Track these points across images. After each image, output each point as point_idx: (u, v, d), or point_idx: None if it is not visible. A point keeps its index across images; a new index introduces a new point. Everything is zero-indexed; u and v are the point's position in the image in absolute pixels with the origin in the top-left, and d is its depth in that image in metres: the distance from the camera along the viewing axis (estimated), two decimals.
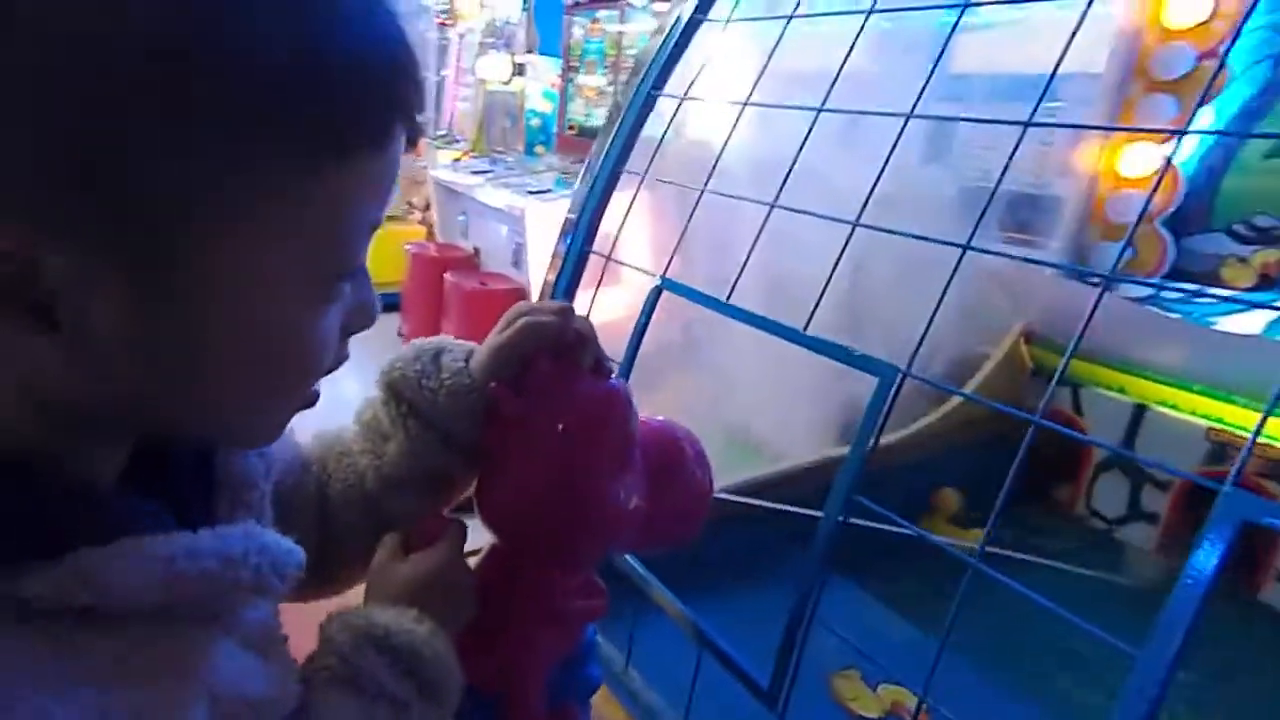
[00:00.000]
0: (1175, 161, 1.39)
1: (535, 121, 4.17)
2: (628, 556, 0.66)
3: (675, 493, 0.55)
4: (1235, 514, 0.38)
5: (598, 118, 3.58)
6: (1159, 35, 1.38)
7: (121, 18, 0.24)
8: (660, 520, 0.54)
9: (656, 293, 0.72)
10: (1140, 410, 1.36)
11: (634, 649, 0.67)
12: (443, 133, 4.63)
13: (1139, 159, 1.44)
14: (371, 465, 0.51)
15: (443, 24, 5.26)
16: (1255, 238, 1.38)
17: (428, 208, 4.06)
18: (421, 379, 0.49)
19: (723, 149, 0.80)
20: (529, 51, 3.99)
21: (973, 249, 0.64)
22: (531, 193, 2.90)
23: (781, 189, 0.74)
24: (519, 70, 4.02)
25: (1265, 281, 1.37)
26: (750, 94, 0.83)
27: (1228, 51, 1.33)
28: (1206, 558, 0.37)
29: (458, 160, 4.37)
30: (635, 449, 0.52)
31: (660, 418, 0.57)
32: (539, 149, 4.17)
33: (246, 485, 0.40)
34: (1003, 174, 0.64)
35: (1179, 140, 1.30)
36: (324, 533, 0.51)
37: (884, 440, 1.66)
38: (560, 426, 0.48)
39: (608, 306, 0.88)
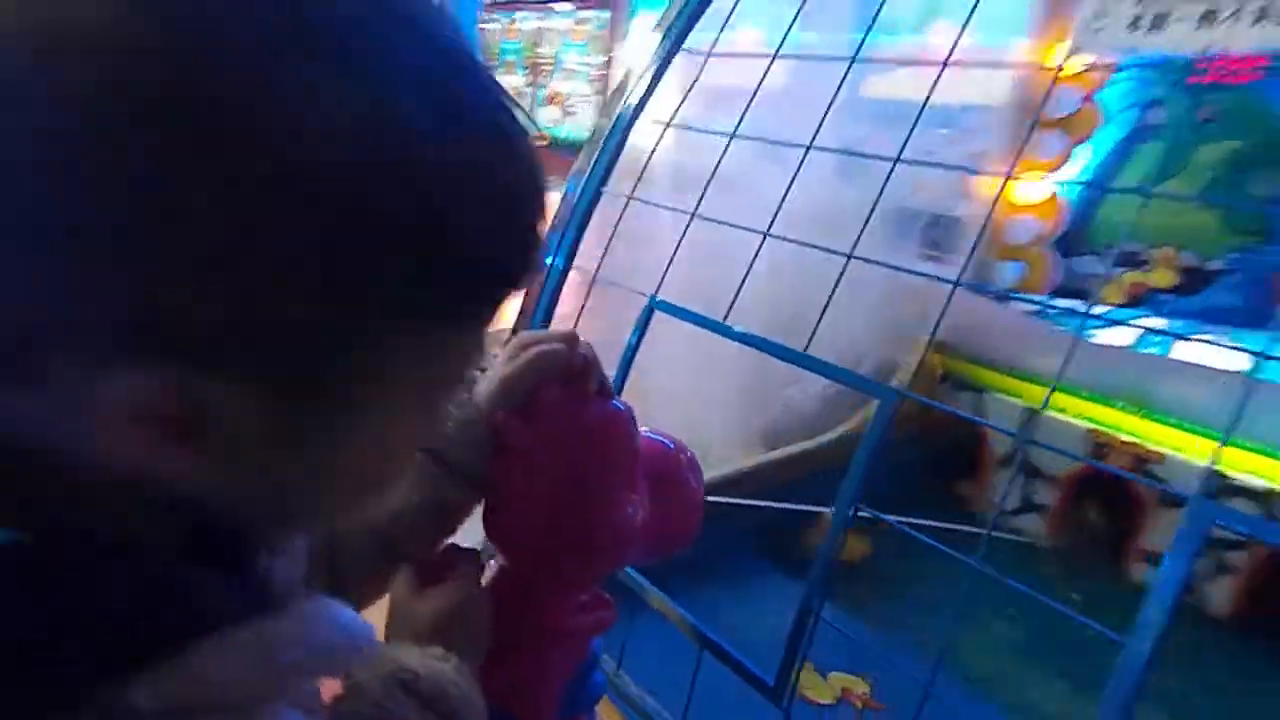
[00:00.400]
0: (1059, 192, 1.57)
1: None
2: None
3: (674, 503, 0.58)
4: (1204, 519, 0.45)
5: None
6: (1049, 76, 1.55)
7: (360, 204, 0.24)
8: (662, 530, 0.57)
9: (649, 312, 0.75)
10: (1031, 413, 1.51)
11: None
12: None
13: (1029, 188, 1.61)
14: None
15: None
16: (1125, 261, 1.57)
17: None
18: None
19: (647, 161, 0.85)
20: None
21: (856, 258, 0.74)
22: None
23: (701, 199, 0.80)
24: None
25: (1133, 300, 1.56)
26: (673, 115, 0.88)
27: (1092, 95, 1.51)
28: (1177, 560, 0.45)
29: None
30: (639, 465, 0.55)
31: (646, 429, 0.60)
32: None
33: None
34: (878, 197, 0.73)
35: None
36: (332, 561, 0.51)
37: (810, 445, 1.74)
38: (572, 453, 0.51)
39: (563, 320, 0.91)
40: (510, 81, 3.49)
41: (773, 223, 0.81)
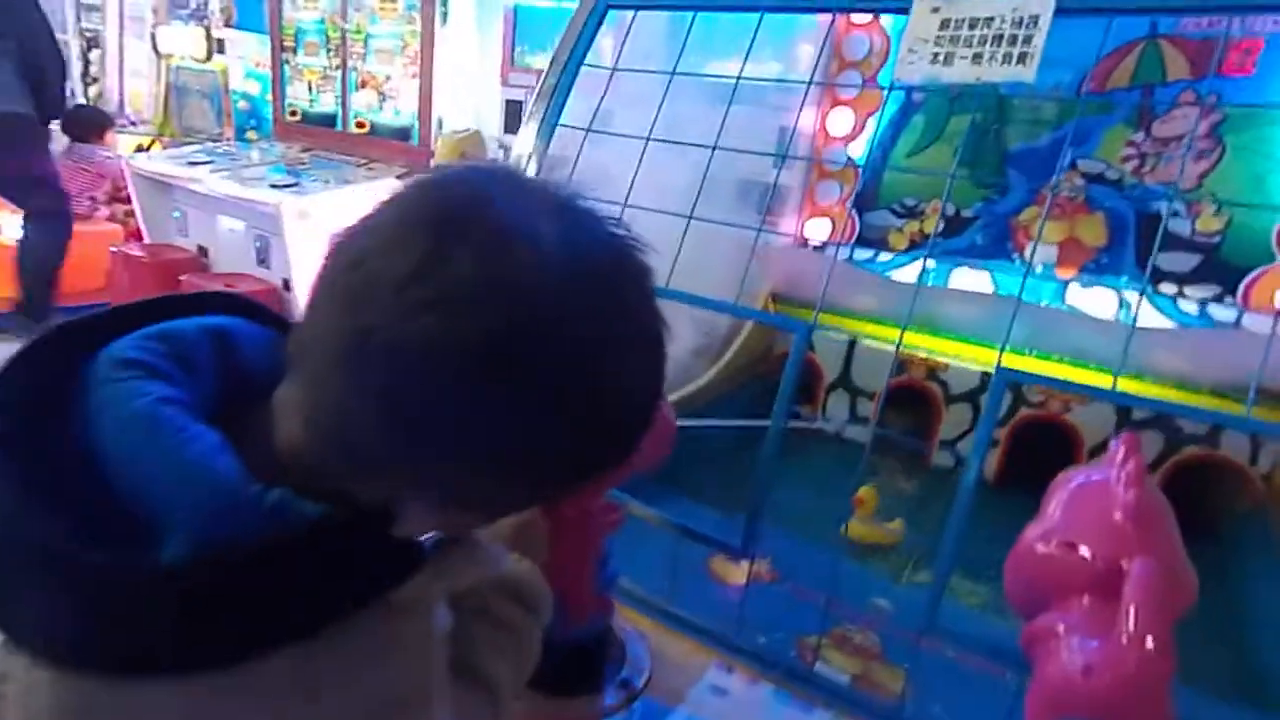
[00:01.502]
0: (855, 158, 1.91)
1: (242, 104, 3.79)
2: None
3: (657, 430, 0.76)
4: (1001, 383, 0.70)
5: (323, 103, 3.40)
6: (839, 65, 1.88)
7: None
8: (648, 452, 0.75)
9: None
10: (852, 343, 1.86)
11: None
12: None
13: (832, 158, 1.94)
14: None
15: None
16: (905, 213, 1.96)
17: (111, 201, 3.47)
18: None
19: (575, 164, 1.01)
20: (226, 25, 3.59)
21: (696, 219, 0.97)
22: (277, 186, 2.71)
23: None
24: (218, 47, 3.61)
25: (913, 244, 1.96)
26: (590, 122, 1.05)
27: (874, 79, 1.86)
28: (991, 407, 0.69)
29: (145, 148, 3.79)
30: None
31: None
32: (250, 134, 3.81)
33: None
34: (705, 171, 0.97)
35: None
36: None
37: (679, 394, 1.97)
38: None
39: None
40: (316, 62, 3.32)
41: (628, 196, 1.01)
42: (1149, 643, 0.46)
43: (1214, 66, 1.40)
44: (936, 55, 0.73)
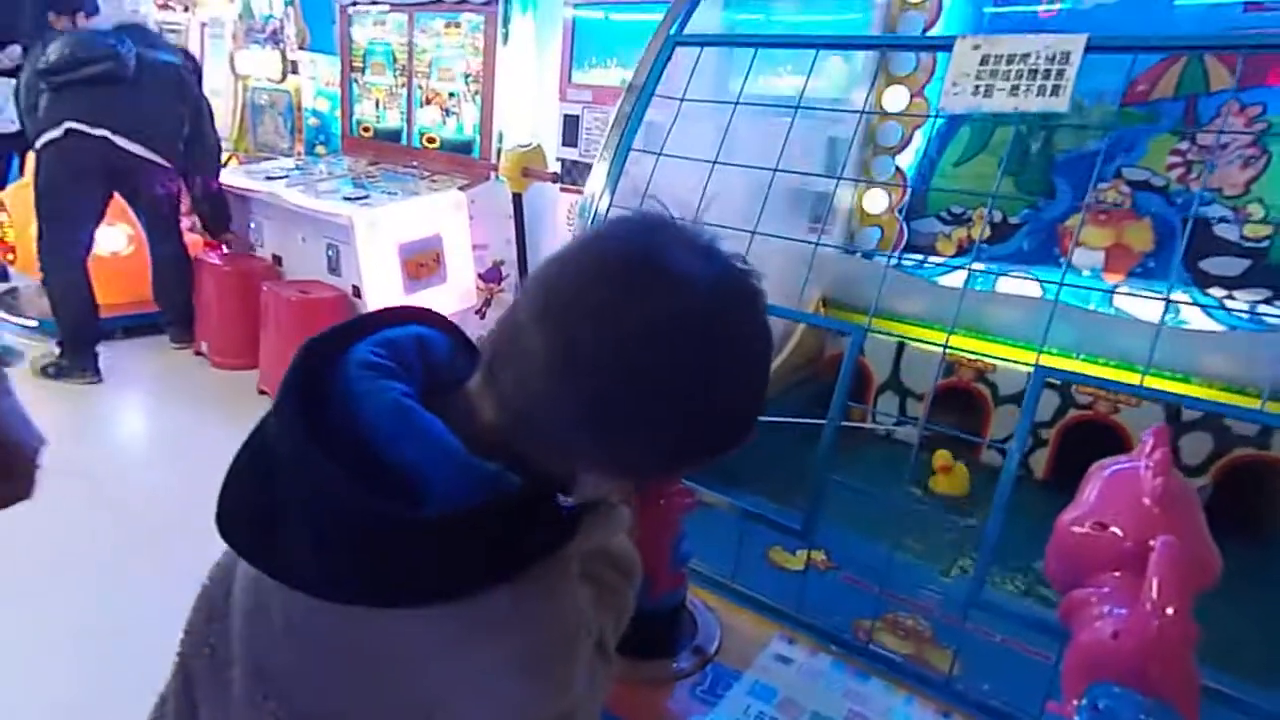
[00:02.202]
0: (904, 167, 1.97)
1: (313, 120, 4.01)
2: None
3: None
4: (1038, 380, 0.77)
5: (389, 120, 3.59)
6: (887, 80, 1.94)
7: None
8: None
9: None
10: (901, 346, 1.92)
11: None
12: None
13: (881, 169, 2.00)
14: None
15: (165, 5, 4.70)
16: (952, 220, 2.01)
17: (190, 213, 3.71)
18: None
19: (648, 184, 1.11)
20: (300, 48, 3.82)
21: (759, 233, 1.06)
22: (349, 199, 2.89)
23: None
24: (292, 68, 3.84)
25: (961, 250, 2.01)
26: (661, 146, 1.15)
27: (921, 91, 1.92)
28: (1029, 404, 0.77)
29: (224, 163, 4.03)
30: None
31: None
32: (319, 149, 4.03)
33: None
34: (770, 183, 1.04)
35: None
36: None
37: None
38: None
39: None
40: (383, 81, 3.51)
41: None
42: (1169, 610, 0.54)
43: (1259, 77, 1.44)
44: (978, 88, 0.81)
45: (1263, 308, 1.52)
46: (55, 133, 2.81)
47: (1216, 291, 1.58)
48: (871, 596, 0.99)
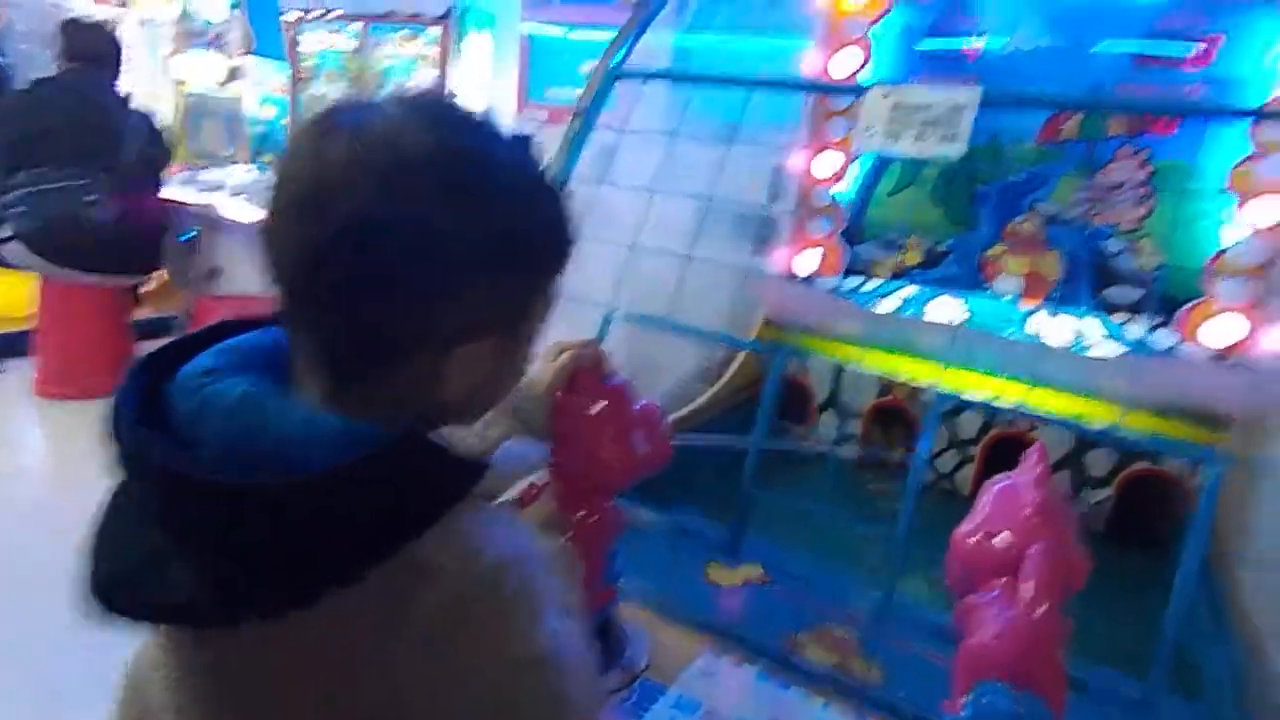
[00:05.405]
0: (838, 197, 2.07)
1: (259, 129, 3.95)
2: None
3: (655, 441, 0.90)
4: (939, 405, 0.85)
5: None
6: (826, 113, 2.04)
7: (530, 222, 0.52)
8: (650, 458, 0.89)
9: (606, 321, 1.05)
10: (839, 367, 2.01)
11: None
12: None
13: (820, 195, 2.10)
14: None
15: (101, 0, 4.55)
16: (889, 245, 2.12)
17: None
18: (515, 394, 0.78)
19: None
20: (245, 54, 3.76)
21: (694, 257, 1.14)
22: None
23: None
24: (235, 74, 3.77)
25: (896, 274, 2.11)
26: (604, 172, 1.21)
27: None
28: (927, 432, 0.84)
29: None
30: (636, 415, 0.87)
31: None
32: (266, 158, 3.96)
33: None
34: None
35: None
36: None
37: (678, 414, 2.13)
38: (603, 412, 0.81)
39: None
40: (333, 90, 3.48)
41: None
42: (1038, 612, 0.60)
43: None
44: (888, 132, 0.89)
45: (1154, 333, 1.66)
46: None
47: (1119, 317, 1.71)
48: (805, 609, 1.05)
